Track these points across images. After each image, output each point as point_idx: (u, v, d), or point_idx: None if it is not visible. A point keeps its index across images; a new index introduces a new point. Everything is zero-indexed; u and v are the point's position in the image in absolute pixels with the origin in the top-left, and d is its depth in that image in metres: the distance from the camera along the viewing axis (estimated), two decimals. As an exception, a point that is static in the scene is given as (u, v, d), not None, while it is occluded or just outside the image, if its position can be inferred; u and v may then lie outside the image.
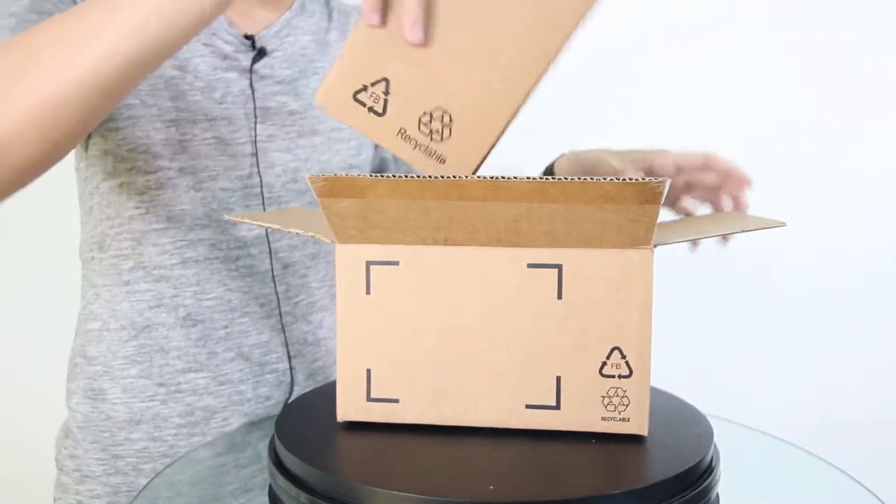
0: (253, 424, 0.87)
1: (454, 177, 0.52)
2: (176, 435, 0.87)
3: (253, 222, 0.64)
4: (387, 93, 0.59)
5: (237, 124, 0.86)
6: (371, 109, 0.60)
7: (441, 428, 0.59)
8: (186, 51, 0.83)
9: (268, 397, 0.89)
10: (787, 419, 0.93)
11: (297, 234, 0.68)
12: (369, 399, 0.60)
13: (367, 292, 0.58)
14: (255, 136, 0.86)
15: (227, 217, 0.71)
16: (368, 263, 0.58)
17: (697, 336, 1.08)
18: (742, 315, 1.12)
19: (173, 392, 0.86)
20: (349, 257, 0.58)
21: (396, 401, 0.59)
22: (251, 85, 0.86)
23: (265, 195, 0.87)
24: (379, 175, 0.53)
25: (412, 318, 0.58)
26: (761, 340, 1.13)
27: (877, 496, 0.62)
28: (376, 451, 0.57)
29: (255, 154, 0.86)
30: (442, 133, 0.60)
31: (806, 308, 1.11)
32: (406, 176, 0.53)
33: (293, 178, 0.89)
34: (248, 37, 0.87)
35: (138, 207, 0.85)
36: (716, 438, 0.58)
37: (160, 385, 0.86)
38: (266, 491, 0.61)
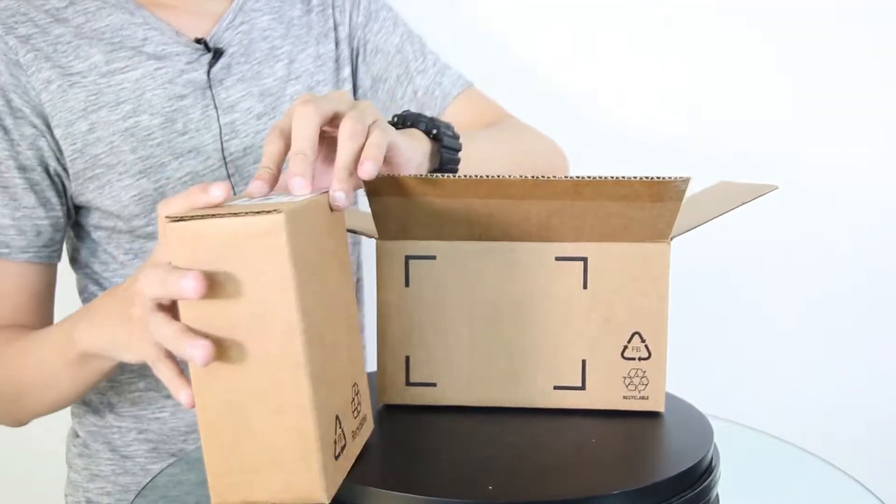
0: None
1: (497, 176, 0.57)
2: (185, 441, 0.88)
3: None
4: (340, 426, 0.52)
5: (206, 151, 0.83)
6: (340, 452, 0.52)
7: (443, 426, 0.62)
8: (137, 88, 0.80)
9: None
10: (787, 419, 0.94)
11: None
12: (408, 384, 0.64)
13: (406, 285, 0.63)
14: (225, 158, 0.84)
15: None
16: (407, 258, 0.63)
17: (697, 336, 1.08)
18: (742, 315, 1.13)
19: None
20: (389, 252, 0.62)
21: (434, 385, 0.64)
22: (213, 100, 0.83)
23: None
24: (428, 175, 0.58)
25: (448, 308, 0.63)
26: (762, 340, 1.13)
27: (877, 496, 0.64)
28: (376, 451, 0.59)
29: (228, 177, 0.84)
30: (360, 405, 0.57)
31: (807, 308, 1.11)
32: (453, 175, 0.57)
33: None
34: (199, 40, 0.84)
35: (127, 254, 0.85)
36: (716, 438, 0.59)
37: (168, 397, 0.86)
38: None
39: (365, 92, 0.96)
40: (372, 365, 0.65)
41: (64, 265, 0.88)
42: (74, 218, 0.86)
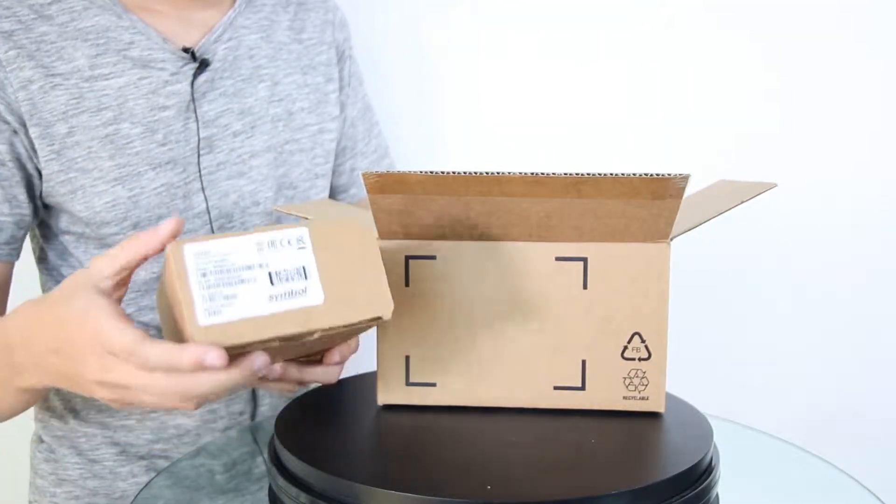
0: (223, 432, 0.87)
1: (497, 172, 0.57)
2: (153, 444, 0.87)
3: (298, 214, 0.68)
4: None
5: (183, 164, 0.82)
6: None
7: (443, 426, 0.62)
8: (120, 96, 0.80)
9: (241, 412, 0.89)
10: (787, 419, 0.94)
11: None
12: (408, 384, 0.64)
13: (406, 284, 0.63)
14: (200, 171, 0.83)
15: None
16: (407, 258, 0.63)
17: (697, 336, 1.08)
18: (742, 315, 1.13)
19: (147, 411, 0.85)
20: (389, 252, 0.62)
21: (434, 384, 0.64)
22: (195, 113, 0.83)
23: (226, 226, 0.85)
24: (427, 172, 0.58)
25: (448, 307, 0.63)
26: (762, 340, 1.13)
27: (877, 496, 0.63)
28: (376, 450, 0.59)
29: (202, 190, 0.83)
30: None
31: (807, 307, 1.11)
32: (452, 172, 0.57)
33: (254, 202, 0.86)
34: (186, 49, 0.83)
35: None
36: (716, 438, 0.60)
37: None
38: (244, 495, 0.63)
39: None
40: (372, 365, 0.65)
41: (27, 262, 0.87)
42: (42, 217, 0.84)
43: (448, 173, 0.57)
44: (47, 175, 0.79)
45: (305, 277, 0.54)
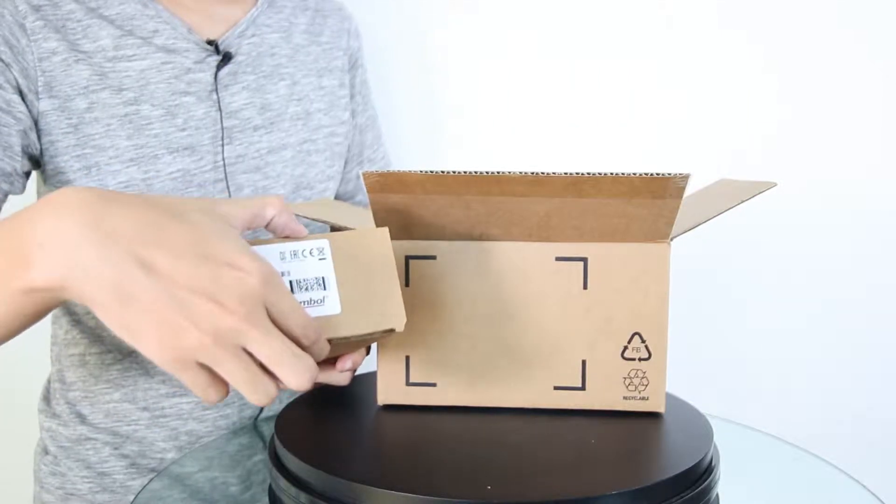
0: (233, 435, 0.85)
1: (497, 172, 0.57)
2: (162, 459, 0.86)
3: (302, 214, 0.68)
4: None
5: (201, 151, 0.82)
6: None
7: (443, 426, 0.62)
8: (141, 78, 0.80)
9: (251, 417, 0.88)
10: (787, 419, 0.95)
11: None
12: (408, 384, 0.64)
13: (406, 285, 0.63)
14: (224, 160, 0.84)
15: None
16: (407, 258, 0.63)
17: (698, 336, 1.09)
18: (742, 315, 1.13)
19: (157, 417, 0.85)
20: None
21: (434, 385, 0.64)
22: (218, 103, 0.84)
23: None
24: (427, 172, 0.58)
25: (448, 308, 0.63)
26: (762, 340, 1.13)
27: (877, 496, 0.63)
28: (376, 450, 0.59)
29: (226, 179, 0.84)
30: None
31: (807, 307, 1.11)
32: (452, 172, 0.57)
33: None
34: (210, 42, 0.84)
35: None
36: (716, 438, 0.59)
37: (144, 409, 0.84)
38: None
39: None
40: (372, 365, 0.65)
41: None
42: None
43: (448, 173, 0.57)
44: (63, 148, 0.79)
45: (325, 288, 0.56)
